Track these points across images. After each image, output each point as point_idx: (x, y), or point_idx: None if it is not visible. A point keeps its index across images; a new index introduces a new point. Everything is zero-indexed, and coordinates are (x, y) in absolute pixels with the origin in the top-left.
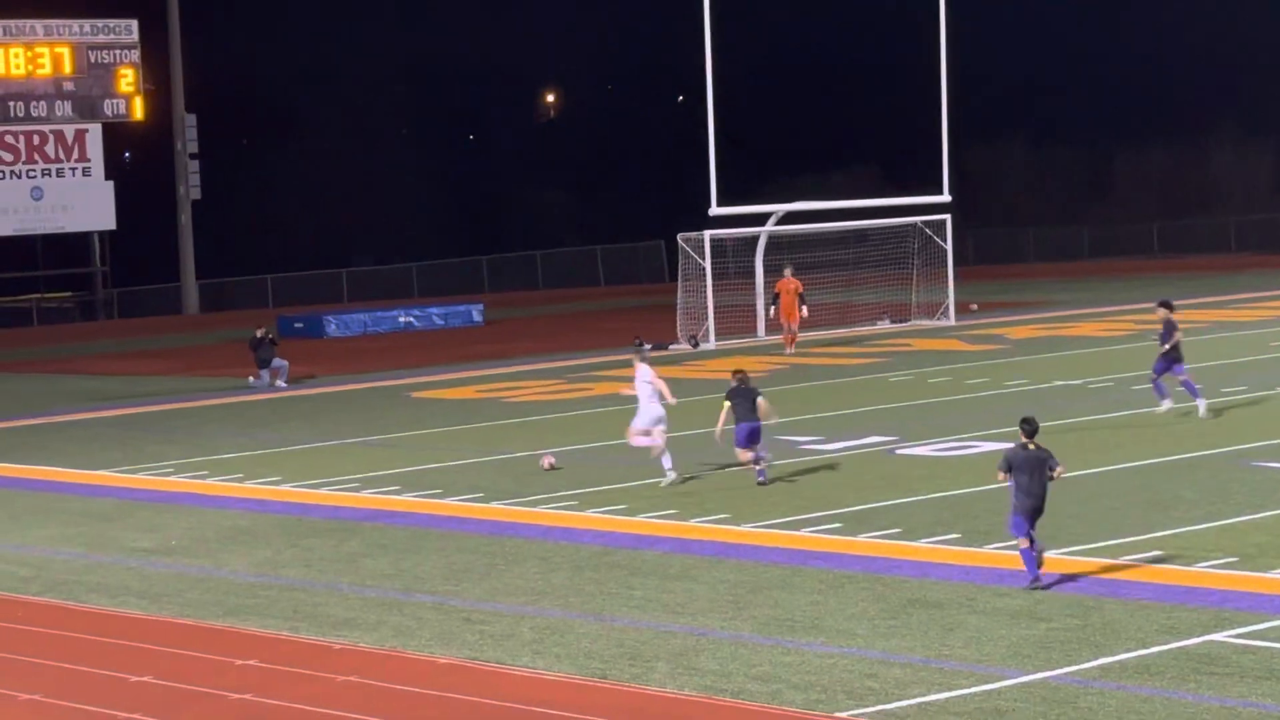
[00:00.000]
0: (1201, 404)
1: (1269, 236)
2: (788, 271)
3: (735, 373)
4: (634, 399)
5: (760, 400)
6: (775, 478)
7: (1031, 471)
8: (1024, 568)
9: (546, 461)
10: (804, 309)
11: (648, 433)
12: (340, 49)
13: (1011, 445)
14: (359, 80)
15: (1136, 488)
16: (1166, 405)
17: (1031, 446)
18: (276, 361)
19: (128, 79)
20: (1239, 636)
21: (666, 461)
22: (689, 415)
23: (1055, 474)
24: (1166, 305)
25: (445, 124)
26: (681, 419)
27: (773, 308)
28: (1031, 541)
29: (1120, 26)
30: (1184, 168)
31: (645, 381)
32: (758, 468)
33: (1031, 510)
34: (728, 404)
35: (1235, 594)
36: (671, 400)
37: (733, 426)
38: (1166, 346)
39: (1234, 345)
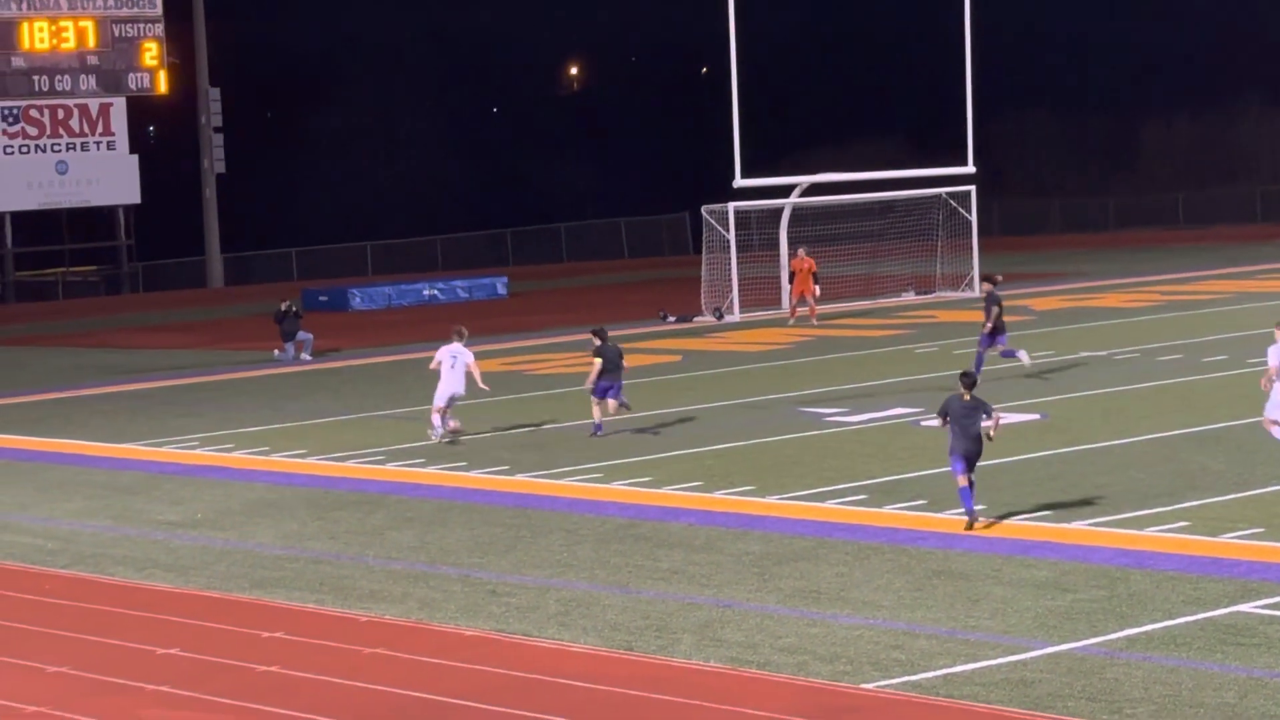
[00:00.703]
0: (1023, 354)
1: None
2: (801, 251)
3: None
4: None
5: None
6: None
7: (967, 419)
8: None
9: (452, 425)
10: (817, 287)
11: (443, 411)
12: (364, 22)
13: (950, 395)
14: (383, 53)
15: (1163, 458)
16: (1024, 357)
17: (967, 398)
18: (301, 334)
19: (152, 53)
20: (1265, 607)
21: (436, 420)
22: (721, 385)
23: (991, 427)
24: (990, 280)
25: (469, 96)
26: (701, 394)
27: (789, 286)
28: (970, 483)
29: None
30: (1210, 138)
31: (453, 356)
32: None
33: (967, 453)
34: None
35: (1262, 564)
36: (487, 387)
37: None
38: (990, 324)
39: (1259, 316)
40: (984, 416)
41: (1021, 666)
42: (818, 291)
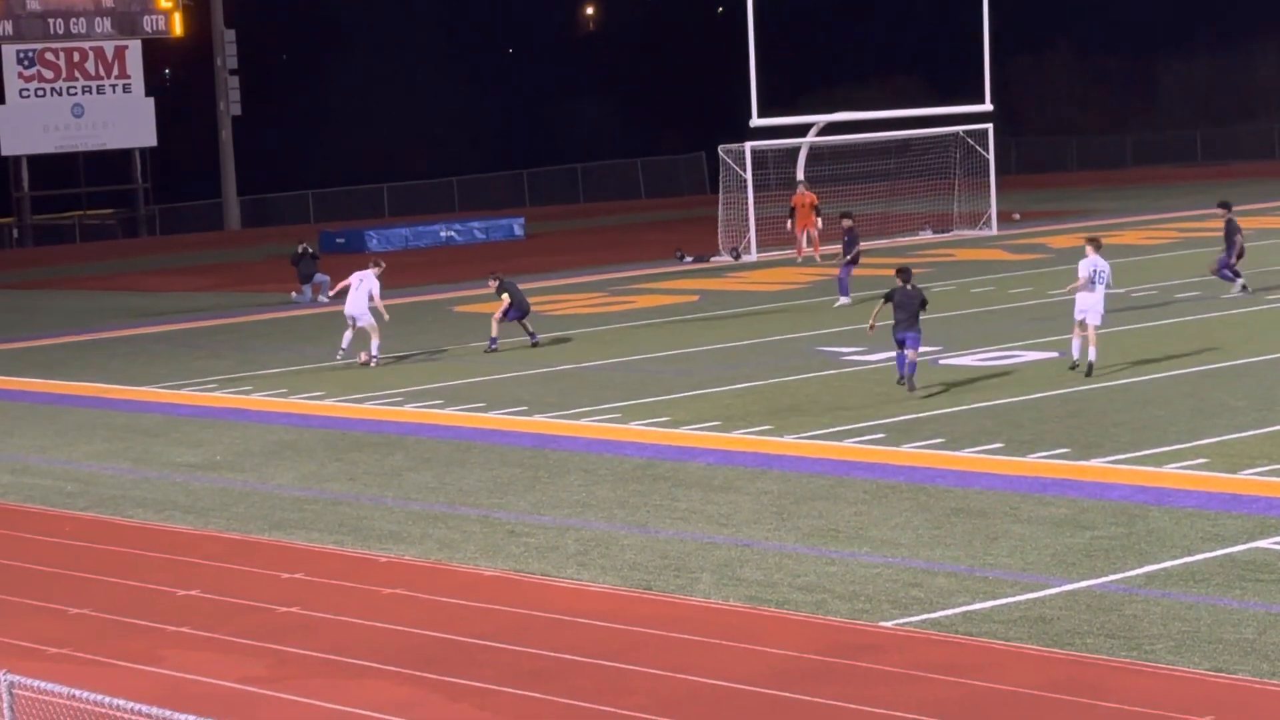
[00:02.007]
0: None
1: None
2: (802, 186)
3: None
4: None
5: None
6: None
7: (907, 303)
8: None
9: (363, 357)
10: (819, 220)
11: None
12: None
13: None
14: None
15: (1183, 395)
16: (844, 301)
17: (909, 287)
18: (318, 276)
19: None
20: None
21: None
22: (738, 325)
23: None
24: (848, 215)
25: (485, 37)
26: (718, 333)
27: (789, 221)
28: (903, 345)
29: None
30: (1228, 75)
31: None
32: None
33: (908, 329)
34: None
35: None
36: (386, 317)
37: None
38: (848, 257)
39: (1278, 252)
40: (921, 302)
41: (1040, 604)
42: (820, 224)
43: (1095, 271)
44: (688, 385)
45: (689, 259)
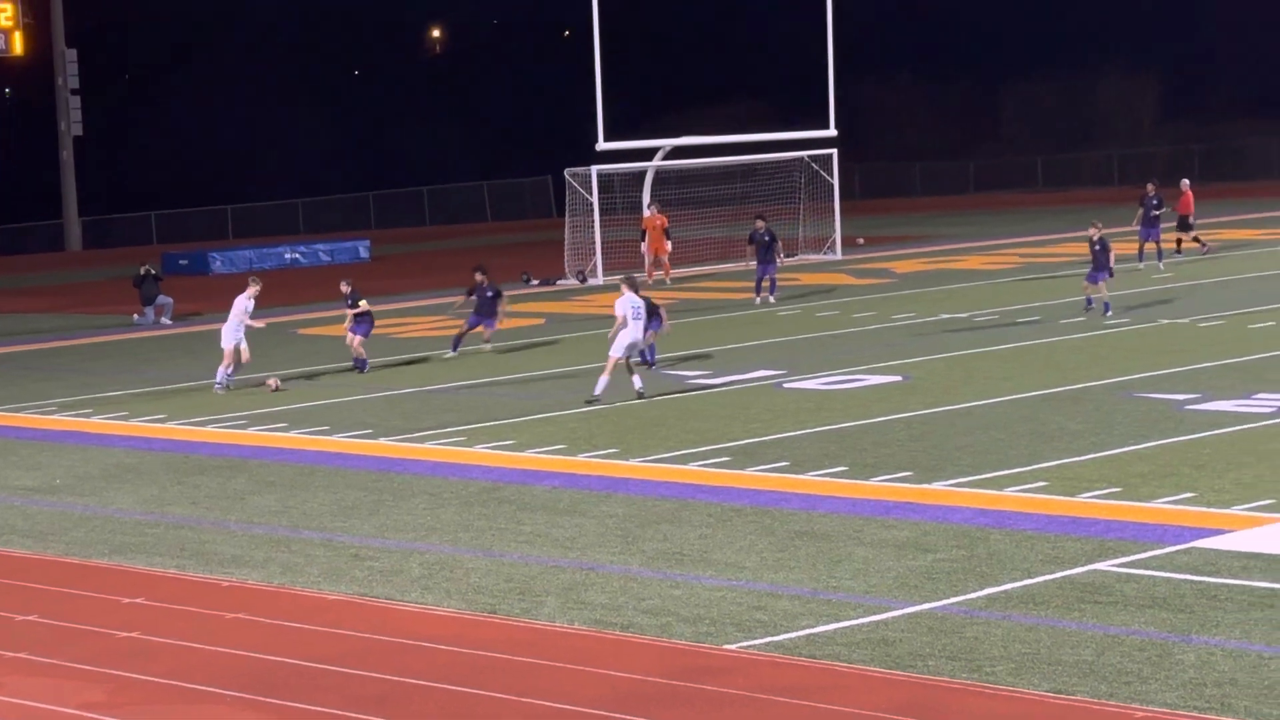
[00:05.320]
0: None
1: (1151, 169)
2: (653, 208)
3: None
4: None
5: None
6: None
7: (638, 316)
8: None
9: (272, 383)
10: (669, 243)
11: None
12: None
13: (636, 296)
14: (244, 15)
15: (1023, 419)
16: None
17: (638, 297)
18: (161, 298)
19: (6, 13)
20: (1122, 565)
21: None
22: (584, 348)
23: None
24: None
25: (331, 59)
26: (564, 356)
27: (642, 244)
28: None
29: None
30: (1069, 102)
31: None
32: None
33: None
34: None
35: (1118, 523)
36: (260, 324)
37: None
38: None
39: (1116, 279)
40: (656, 316)
41: (883, 626)
42: (669, 248)
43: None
44: (533, 408)
45: (535, 282)
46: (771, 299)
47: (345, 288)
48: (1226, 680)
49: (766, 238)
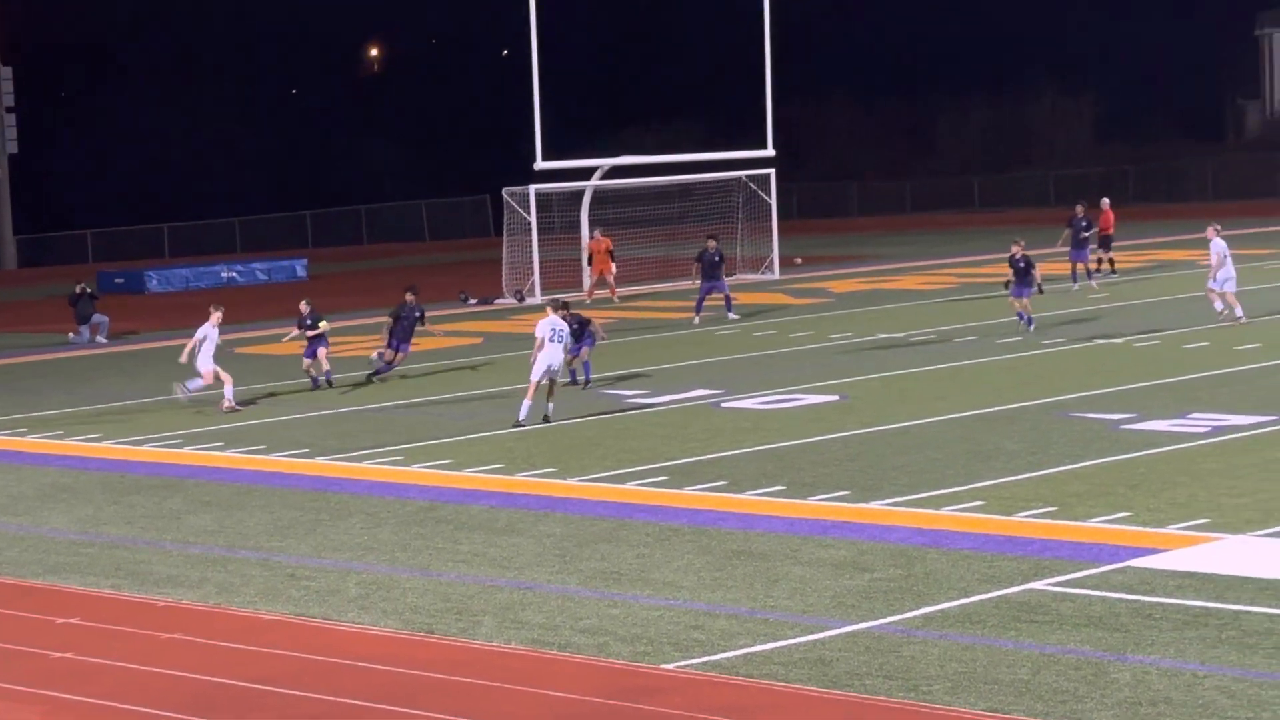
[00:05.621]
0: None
1: (1087, 189)
2: (598, 231)
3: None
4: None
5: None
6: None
7: (561, 335)
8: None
9: (225, 404)
10: (614, 266)
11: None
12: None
13: (558, 318)
14: (181, 32)
15: (959, 438)
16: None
17: (566, 316)
18: (96, 317)
19: None
20: (1058, 585)
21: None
22: (522, 368)
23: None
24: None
25: (268, 77)
26: (500, 376)
27: (587, 266)
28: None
29: None
30: (1005, 122)
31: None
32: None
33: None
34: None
35: (1054, 542)
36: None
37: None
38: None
39: (1051, 299)
40: (588, 334)
41: (820, 645)
42: (614, 269)
43: None
44: (470, 428)
45: (473, 301)
46: (731, 315)
47: (305, 308)
48: (1161, 699)
49: (716, 257)
